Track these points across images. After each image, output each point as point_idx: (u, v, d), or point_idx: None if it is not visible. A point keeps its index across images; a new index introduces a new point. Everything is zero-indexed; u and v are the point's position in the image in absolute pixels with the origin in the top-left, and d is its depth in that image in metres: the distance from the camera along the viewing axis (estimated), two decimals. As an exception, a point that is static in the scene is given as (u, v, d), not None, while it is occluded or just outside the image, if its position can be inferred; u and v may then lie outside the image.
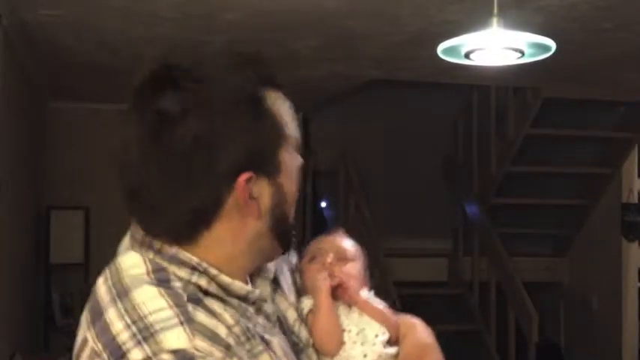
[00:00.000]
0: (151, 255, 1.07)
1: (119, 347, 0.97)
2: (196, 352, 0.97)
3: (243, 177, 1.07)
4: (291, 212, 1.16)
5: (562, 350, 6.58)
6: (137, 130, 1.06)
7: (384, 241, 5.89)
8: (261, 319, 1.12)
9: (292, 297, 1.26)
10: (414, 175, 6.92)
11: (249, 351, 1.04)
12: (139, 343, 0.97)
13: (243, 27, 4.02)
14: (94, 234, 5.86)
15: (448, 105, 6.81)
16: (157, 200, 1.06)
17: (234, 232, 1.09)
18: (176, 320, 0.99)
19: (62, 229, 5.80)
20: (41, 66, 4.89)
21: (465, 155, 6.78)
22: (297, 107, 1.17)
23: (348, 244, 1.36)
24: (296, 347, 1.20)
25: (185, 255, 1.07)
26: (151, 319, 0.99)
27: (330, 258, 1.31)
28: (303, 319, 1.26)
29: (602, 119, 6.11)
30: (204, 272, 1.07)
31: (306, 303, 1.29)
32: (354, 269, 1.33)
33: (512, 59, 3.07)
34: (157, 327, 0.98)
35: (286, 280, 1.27)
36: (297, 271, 1.33)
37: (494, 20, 2.91)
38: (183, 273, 1.06)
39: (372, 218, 5.76)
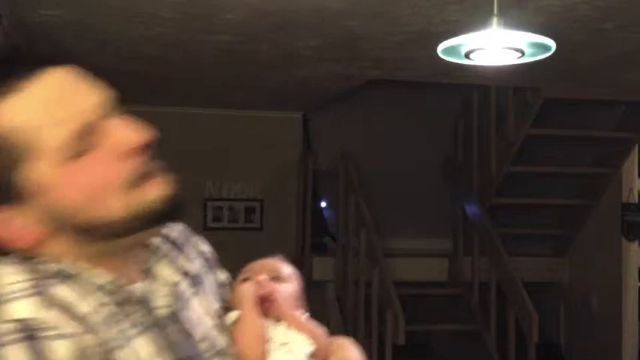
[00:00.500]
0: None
1: None
2: (41, 324, 0.93)
3: None
4: (102, 209, 1.00)
5: (562, 350, 6.58)
6: None
7: (384, 241, 5.89)
8: (138, 312, 1.04)
9: (215, 305, 1.20)
10: (414, 175, 6.92)
11: (119, 333, 0.99)
12: None
13: (243, 27, 4.02)
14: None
15: (448, 105, 6.81)
16: None
17: (58, 256, 1.00)
18: (29, 292, 0.96)
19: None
20: (41, 66, 4.88)
21: (465, 155, 6.78)
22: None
23: (283, 266, 1.32)
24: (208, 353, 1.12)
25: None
26: (2, 290, 0.96)
27: (262, 276, 1.25)
28: (227, 329, 1.19)
29: (602, 119, 6.11)
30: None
31: (232, 315, 1.22)
32: (287, 289, 1.27)
33: (512, 59, 3.07)
34: (8, 297, 0.95)
35: (211, 291, 1.21)
36: (226, 287, 1.28)
37: (494, 20, 2.91)
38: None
39: (372, 218, 5.76)
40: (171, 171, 1.14)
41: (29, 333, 0.92)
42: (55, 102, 0.99)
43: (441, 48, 3.02)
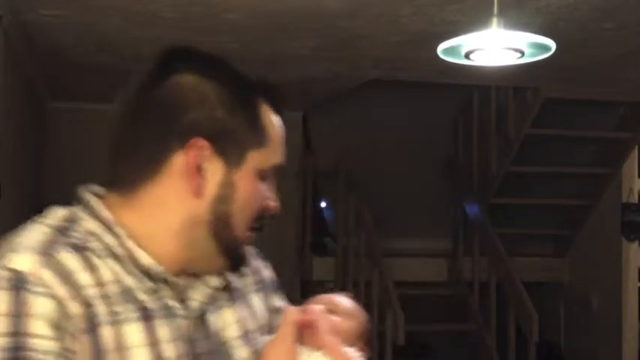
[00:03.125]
0: (75, 209, 1.11)
1: None
2: (32, 278, 1.00)
3: (198, 141, 1.08)
4: (240, 222, 1.14)
5: (562, 350, 6.58)
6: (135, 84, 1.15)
7: (384, 241, 5.89)
8: (169, 301, 1.10)
9: (251, 325, 1.21)
10: (414, 175, 6.92)
11: (113, 312, 1.04)
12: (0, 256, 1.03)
13: (243, 27, 4.02)
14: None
15: (448, 105, 6.82)
16: (122, 148, 1.13)
17: (170, 199, 1.10)
18: (35, 248, 1.03)
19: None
20: (41, 66, 4.89)
21: (465, 155, 6.78)
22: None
23: (344, 302, 1.23)
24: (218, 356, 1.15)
25: (104, 212, 1.10)
26: (17, 240, 1.05)
27: (318, 307, 1.18)
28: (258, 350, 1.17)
29: (602, 119, 6.11)
30: (110, 229, 1.08)
31: (270, 337, 1.17)
32: (341, 323, 1.19)
33: (512, 59, 3.07)
34: (16, 247, 1.04)
35: (253, 311, 1.23)
36: (279, 314, 1.24)
37: (494, 20, 2.91)
38: (93, 226, 1.09)
39: (372, 218, 5.76)
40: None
41: (19, 283, 1.00)
42: (283, 142, 1.25)
43: (441, 48, 3.02)
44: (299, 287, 6.64)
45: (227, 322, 1.18)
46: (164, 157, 1.09)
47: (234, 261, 1.16)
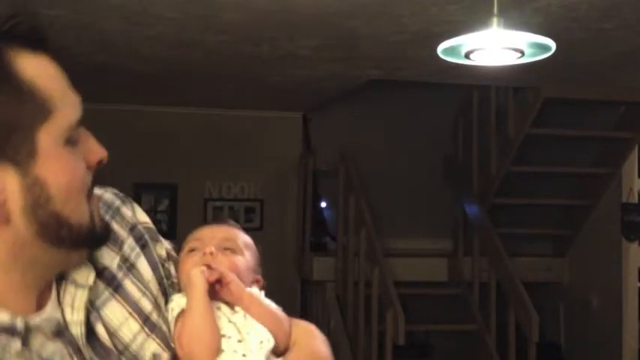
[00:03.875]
0: None
1: None
2: None
3: None
4: (73, 207, 0.93)
5: (562, 350, 6.58)
6: None
7: (384, 241, 5.89)
8: (44, 352, 0.91)
9: (150, 299, 1.04)
10: (414, 175, 6.93)
11: None
12: None
13: (243, 27, 4.02)
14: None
15: (448, 105, 6.81)
16: None
17: None
18: None
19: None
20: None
21: (464, 155, 6.78)
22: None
23: (235, 234, 1.16)
24: None
25: None
26: None
27: (210, 248, 1.10)
28: (171, 321, 1.05)
29: (602, 119, 6.11)
30: None
31: (177, 302, 1.06)
32: (240, 262, 1.12)
33: (512, 59, 3.07)
34: None
35: (149, 271, 1.07)
36: (169, 262, 1.12)
37: (494, 20, 2.91)
38: None
39: (372, 218, 5.76)
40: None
41: None
42: (66, 84, 0.96)
43: (441, 48, 3.02)
44: (299, 287, 6.65)
45: (119, 319, 1.01)
46: None
47: (91, 241, 0.97)
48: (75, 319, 0.95)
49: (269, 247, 6.69)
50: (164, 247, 1.13)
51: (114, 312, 1.00)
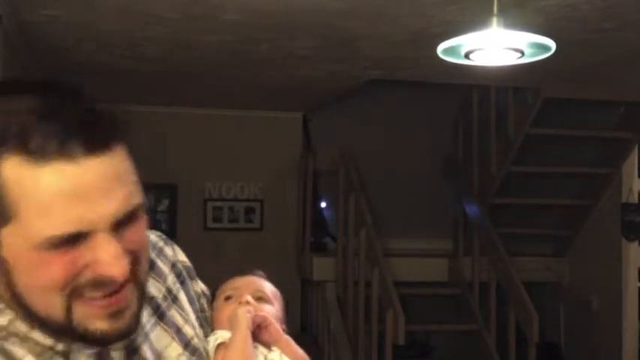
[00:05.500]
0: None
1: None
2: None
3: None
4: (38, 300, 0.91)
5: (562, 350, 6.58)
6: None
7: (384, 241, 5.89)
8: None
9: (190, 330, 1.14)
10: (414, 175, 6.92)
11: None
12: None
13: (243, 27, 4.02)
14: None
15: (448, 105, 6.81)
16: None
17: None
18: None
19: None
20: (41, 66, 4.88)
21: (465, 155, 6.78)
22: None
23: (264, 285, 1.28)
24: None
25: None
26: None
27: (246, 297, 1.22)
28: (211, 349, 1.15)
29: (602, 119, 6.11)
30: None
31: (220, 334, 1.17)
32: (272, 311, 1.24)
33: (512, 59, 3.07)
34: None
35: (189, 304, 1.17)
36: (203, 297, 1.24)
37: (494, 20, 2.91)
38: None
39: (372, 218, 5.76)
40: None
41: None
42: (72, 197, 0.89)
43: (440, 48, 3.02)
44: (299, 287, 6.65)
45: (163, 343, 1.08)
46: None
47: (71, 339, 0.95)
48: (116, 345, 0.99)
49: (269, 247, 6.70)
50: (199, 285, 1.24)
51: (159, 337, 1.08)
